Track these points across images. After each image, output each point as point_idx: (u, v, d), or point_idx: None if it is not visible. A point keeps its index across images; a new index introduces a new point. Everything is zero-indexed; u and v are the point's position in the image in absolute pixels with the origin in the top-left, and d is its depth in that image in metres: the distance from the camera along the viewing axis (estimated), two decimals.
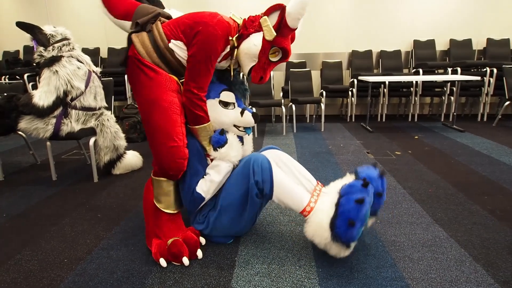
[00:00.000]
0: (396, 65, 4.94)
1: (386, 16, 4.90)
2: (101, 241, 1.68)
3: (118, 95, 4.67)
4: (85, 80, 2.40)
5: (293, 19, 1.34)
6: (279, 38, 1.41)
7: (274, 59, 1.47)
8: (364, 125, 4.41)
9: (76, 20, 5.13)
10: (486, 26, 4.84)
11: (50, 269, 1.46)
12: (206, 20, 1.39)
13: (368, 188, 1.36)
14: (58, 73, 2.27)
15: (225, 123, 1.54)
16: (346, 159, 2.97)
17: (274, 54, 1.45)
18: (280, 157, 1.61)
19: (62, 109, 2.34)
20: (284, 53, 1.45)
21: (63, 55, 2.35)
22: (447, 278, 1.36)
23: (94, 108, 2.47)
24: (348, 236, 1.28)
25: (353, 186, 1.38)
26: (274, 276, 1.39)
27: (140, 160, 2.81)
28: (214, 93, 1.52)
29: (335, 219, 1.31)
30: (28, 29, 2.31)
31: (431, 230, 1.73)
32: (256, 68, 1.48)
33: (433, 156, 3.02)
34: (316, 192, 1.51)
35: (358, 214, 1.28)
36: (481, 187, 2.28)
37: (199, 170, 1.52)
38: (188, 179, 1.52)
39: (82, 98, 2.39)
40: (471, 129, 4.11)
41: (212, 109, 1.51)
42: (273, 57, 1.46)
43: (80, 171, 2.75)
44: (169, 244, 1.48)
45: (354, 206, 1.29)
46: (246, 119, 1.54)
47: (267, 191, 1.43)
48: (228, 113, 1.52)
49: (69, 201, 2.17)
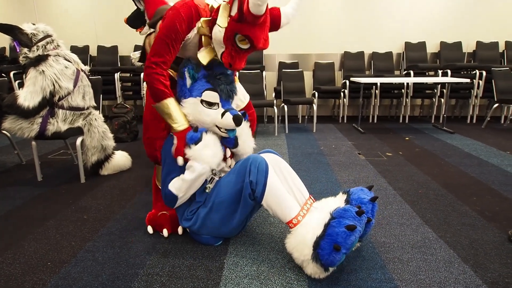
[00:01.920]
0: (387, 66, 4.98)
1: (378, 18, 4.93)
2: (87, 243, 1.64)
3: (108, 94, 4.60)
4: (73, 79, 2.35)
5: (254, 4, 1.25)
6: (242, 25, 1.33)
7: (243, 47, 1.40)
8: (356, 126, 4.42)
9: (65, 17, 5.05)
10: (476, 29, 4.90)
11: (32, 272, 1.41)
12: (175, 5, 1.46)
13: (362, 218, 1.33)
14: (45, 73, 2.21)
15: (206, 122, 1.50)
16: (338, 160, 2.96)
17: (243, 41, 1.38)
18: (278, 163, 1.57)
19: (49, 109, 2.29)
20: (249, 41, 1.37)
21: (50, 54, 2.29)
22: (436, 280, 1.35)
23: (82, 107, 2.42)
24: (329, 260, 1.25)
25: (347, 211, 1.34)
26: (263, 279, 1.37)
27: (129, 161, 2.76)
28: (197, 92, 1.49)
29: (321, 239, 1.28)
30: (7, 31, 2.23)
31: (420, 231, 1.73)
32: (224, 55, 1.44)
33: (423, 157, 3.03)
34: (306, 205, 1.49)
35: (346, 241, 1.24)
36: (470, 188, 2.30)
37: (175, 169, 1.50)
38: (164, 176, 1.53)
39: (70, 98, 2.34)
40: (460, 130, 4.16)
41: (193, 107, 1.48)
42: (242, 45, 1.39)
43: (66, 172, 2.69)
44: (158, 215, 1.73)
45: (344, 231, 1.25)
46: (225, 121, 1.47)
47: (258, 194, 1.41)
48: (209, 113, 1.48)
49: (54, 202, 2.12)
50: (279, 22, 1.44)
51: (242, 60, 1.45)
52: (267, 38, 1.42)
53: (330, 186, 2.36)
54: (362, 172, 2.65)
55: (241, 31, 1.35)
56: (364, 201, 1.48)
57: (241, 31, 1.35)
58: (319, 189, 2.29)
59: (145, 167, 2.79)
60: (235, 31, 1.36)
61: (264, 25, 1.38)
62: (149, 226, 1.75)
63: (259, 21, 1.33)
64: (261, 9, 1.27)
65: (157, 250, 1.57)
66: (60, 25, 5.03)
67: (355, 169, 2.73)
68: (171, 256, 1.53)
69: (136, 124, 3.73)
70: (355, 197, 1.50)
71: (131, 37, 4.82)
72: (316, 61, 4.99)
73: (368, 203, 1.48)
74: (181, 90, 1.53)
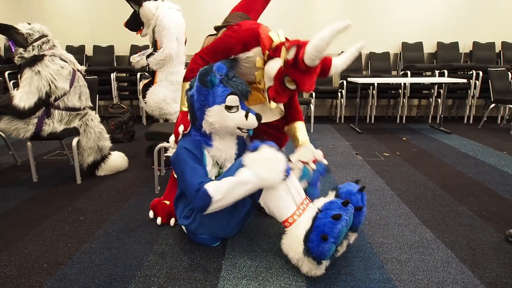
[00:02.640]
0: (384, 67, 4.99)
1: (375, 18, 4.94)
2: (83, 244, 1.62)
3: (104, 94, 4.57)
4: (70, 79, 2.33)
5: (308, 57, 1.35)
6: (293, 69, 1.42)
7: (290, 87, 1.49)
8: (353, 126, 4.42)
9: (60, 17, 5.01)
10: (473, 30, 4.93)
11: (28, 274, 1.40)
12: (242, 25, 1.64)
13: (348, 207, 1.36)
14: (40, 74, 2.19)
15: (230, 126, 1.48)
16: (335, 161, 2.96)
17: (291, 82, 1.48)
18: None
19: (45, 109, 2.26)
20: (296, 85, 1.47)
21: (45, 54, 2.26)
22: (434, 280, 1.35)
23: (79, 108, 2.40)
24: (319, 251, 1.26)
25: (333, 203, 1.38)
26: (261, 280, 1.36)
27: (126, 161, 2.74)
28: (220, 98, 1.43)
29: (310, 233, 1.31)
30: (2, 30, 2.20)
31: (418, 232, 1.74)
32: (271, 89, 1.54)
33: (420, 158, 3.04)
34: (302, 205, 1.48)
35: (333, 229, 1.26)
36: (468, 188, 2.31)
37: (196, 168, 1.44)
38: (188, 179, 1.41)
39: (66, 98, 2.31)
40: (457, 131, 4.17)
41: (219, 114, 1.45)
42: (290, 85, 1.49)
43: (62, 172, 2.67)
44: (160, 203, 1.85)
45: (330, 221, 1.28)
46: (251, 122, 1.50)
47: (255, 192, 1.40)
48: (233, 117, 1.47)
49: (50, 203, 2.10)
50: (328, 72, 1.54)
51: (286, 97, 1.56)
52: (313, 84, 1.50)
53: (327, 186, 2.35)
54: (360, 172, 2.66)
55: (291, 75, 1.44)
56: (352, 192, 1.53)
57: (292, 75, 1.44)
58: None
59: (141, 167, 2.78)
60: (286, 73, 1.45)
61: (314, 73, 1.47)
62: (151, 211, 1.89)
63: (310, 70, 1.42)
64: (315, 63, 1.38)
65: (154, 251, 1.56)
66: (56, 24, 4.99)
67: (353, 169, 2.73)
68: (169, 257, 1.52)
69: (132, 125, 3.71)
70: (343, 190, 1.55)
71: (127, 37, 4.78)
72: None
73: (357, 193, 1.53)
74: (205, 99, 1.44)
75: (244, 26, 1.62)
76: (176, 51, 2.64)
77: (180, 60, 2.76)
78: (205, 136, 1.52)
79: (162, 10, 2.62)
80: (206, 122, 1.47)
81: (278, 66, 1.48)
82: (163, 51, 2.61)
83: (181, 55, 2.76)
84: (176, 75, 2.74)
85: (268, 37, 1.57)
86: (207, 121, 1.46)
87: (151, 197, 2.12)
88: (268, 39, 1.57)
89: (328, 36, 1.31)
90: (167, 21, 2.58)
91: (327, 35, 1.31)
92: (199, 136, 1.51)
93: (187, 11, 4.85)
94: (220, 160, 1.56)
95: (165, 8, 2.64)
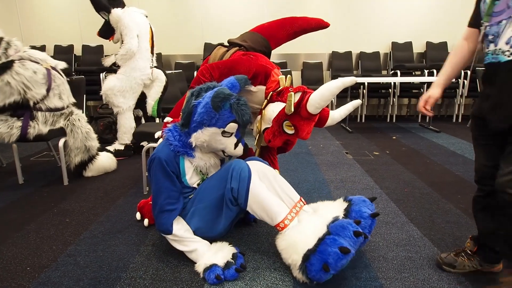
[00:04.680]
0: (375, 66, 5.02)
1: (365, 18, 4.97)
2: (68, 247, 1.60)
3: (93, 95, 4.49)
4: (45, 82, 2.24)
5: (311, 105, 1.39)
6: (295, 115, 1.45)
7: (288, 132, 1.51)
8: (344, 125, 4.45)
9: (48, 16, 4.94)
10: (460, 29, 4.91)
11: (10, 278, 1.37)
12: (260, 56, 1.68)
13: (359, 239, 1.27)
14: (11, 84, 2.08)
15: (216, 148, 1.46)
16: (326, 160, 2.97)
17: (290, 127, 1.50)
18: (264, 171, 1.54)
19: (28, 112, 2.21)
20: (295, 130, 1.49)
21: (14, 60, 2.13)
22: (420, 277, 1.36)
23: (61, 107, 2.36)
24: (316, 277, 1.23)
25: (345, 229, 1.27)
26: (248, 280, 1.35)
27: (114, 162, 2.71)
28: (221, 123, 1.40)
29: (312, 254, 1.24)
30: None
31: (406, 230, 1.75)
32: (268, 131, 1.56)
33: (410, 156, 3.07)
34: (295, 208, 1.47)
35: (337, 263, 1.20)
36: (455, 186, 2.33)
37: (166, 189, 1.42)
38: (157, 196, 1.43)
39: (46, 100, 2.26)
40: (446, 129, 4.22)
41: (213, 136, 1.41)
42: (288, 130, 1.51)
43: (49, 174, 2.62)
44: (147, 204, 1.81)
45: (337, 253, 1.20)
46: (237, 151, 1.50)
47: (241, 200, 1.38)
48: (224, 142, 1.45)
49: (35, 205, 2.06)
50: (325, 122, 1.61)
51: (280, 141, 1.56)
52: (310, 132, 1.52)
53: (317, 185, 2.36)
54: (350, 171, 2.67)
55: (292, 120, 1.47)
56: (364, 216, 1.41)
57: (292, 120, 1.47)
58: (307, 189, 2.28)
59: (130, 168, 2.75)
60: (287, 118, 1.48)
61: (312, 121, 1.50)
62: (138, 213, 1.87)
63: (310, 118, 1.46)
64: (317, 111, 1.42)
65: (141, 253, 1.54)
66: (43, 23, 4.93)
67: (343, 168, 2.74)
68: (155, 258, 1.50)
69: None
70: (356, 208, 1.44)
71: None
72: (304, 61, 5.01)
73: (368, 218, 1.41)
74: (209, 119, 1.38)
75: (260, 61, 1.64)
76: (136, 46, 2.87)
77: (141, 56, 2.95)
78: (187, 147, 1.45)
79: (126, 13, 2.86)
80: (197, 136, 1.40)
81: (280, 109, 1.51)
82: (124, 47, 2.85)
83: (143, 51, 2.96)
84: (136, 71, 2.94)
85: (277, 81, 1.61)
86: (199, 136, 1.40)
87: (139, 198, 2.09)
88: (276, 82, 1.61)
89: (334, 88, 1.36)
90: (128, 20, 2.85)
91: (334, 86, 1.36)
92: (180, 147, 1.43)
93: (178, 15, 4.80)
94: (204, 168, 1.51)
95: (129, 11, 2.89)
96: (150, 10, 4.90)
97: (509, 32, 1.12)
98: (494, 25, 1.17)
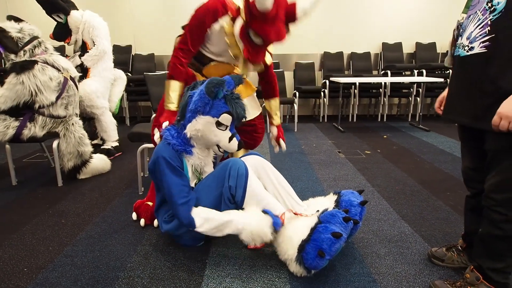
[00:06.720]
0: (366, 66, 5.09)
1: (356, 19, 5.04)
2: (65, 248, 1.60)
3: None
4: (58, 91, 2.25)
5: (257, 1, 1.33)
6: (253, 21, 1.42)
7: (257, 41, 1.48)
8: (336, 125, 4.50)
9: (39, 13, 4.86)
10: (450, 30, 5.03)
11: (7, 279, 1.37)
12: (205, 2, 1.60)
13: (348, 224, 1.35)
14: (24, 84, 2.10)
15: (211, 141, 1.47)
16: (318, 159, 3.02)
17: (256, 35, 1.46)
18: (263, 165, 1.58)
19: (28, 113, 2.21)
20: (261, 36, 1.45)
21: (37, 60, 2.16)
22: (411, 272, 1.41)
23: (64, 116, 2.35)
24: (313, 264, 1.28)
25: (335, 216, 1.34)
26: (245, 277, 1.38)
27: (108, 164, 2.70)
28: (215, 112, 1.42)
29: (306, 243, 1.30)
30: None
31: (397, 226, 1.80)
32: (244, 51, 1.54)
33: (400, 155, 3.13)
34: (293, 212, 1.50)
35: (331, 248, 1.26)
36: (444, 183, 2.39)
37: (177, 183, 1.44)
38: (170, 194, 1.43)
39: (52, 107, 2.26)
40: (436, 128, 4.31)
41: (207, 125, 1.42)
42: (256, 39, 1.47)
43: (43, 175, 2.61)
44: (143, 204, 1.85)
45: (329, 238, 1.26)
46: (231, 146, 1.48)
47: (238, 198, 1.42)
48: (218, 134, 1.45)
49: (30, 207, 2.06)
50: (295, 15, 1.49)
51: (258, 54, 1.53)
52: (279, 32, 1.45)
53: (311, 184, 2.40)
54: (342, 170, 2.71)
55: (253, 27, 1.44)
56: (353, 204, 1.51)
57: (253, 27, 1.44)
58: (300, 188, 2.32)
59: (124, 169, 2.75)
60: (248, 27, 1.45)
61: (275, 19, 1.42)
62: (134, 213, 1.88)
63: (268, 16, 1.38)
64: (266, 5, 1.33)
65: (138, 253, 1.56)
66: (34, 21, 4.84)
67: (335, 167, 2.79)
68: (153, 257, 1.52)
69: None
70: (345, 198, 1.53)
71: None
72: (296, 61, 5.05)
73: (357, 206, 1.51)
74: (203, 106, 1.41)
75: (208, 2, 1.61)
76: (108, 47, 2.95)
77: (109, 57, 3.02)
78: (185, 143, 1.46)
79: (88, 15, 2.91)
80: (192, 126, 1.43)
81: (240, 23, 1.50)
82: (97, 48, 2.88)
83: (110, 53, 3.04)
84: (107, 71, 3.01)
85: (232, 2, 1.59)
86: (194, 125, 1.42)
87: (135, 198, 2.10)
88: (233, 4, 1.58)
89: None
90: (96, 22, 2.90)
91: None
92: (179, 145, 1.44)
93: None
94: (199, 168, 1.53)
95: (90, 14, 2.93)
96: (143, 11, 4.90)
97: (471, 27, 1.10)
98: (466, 18, 1.16)
